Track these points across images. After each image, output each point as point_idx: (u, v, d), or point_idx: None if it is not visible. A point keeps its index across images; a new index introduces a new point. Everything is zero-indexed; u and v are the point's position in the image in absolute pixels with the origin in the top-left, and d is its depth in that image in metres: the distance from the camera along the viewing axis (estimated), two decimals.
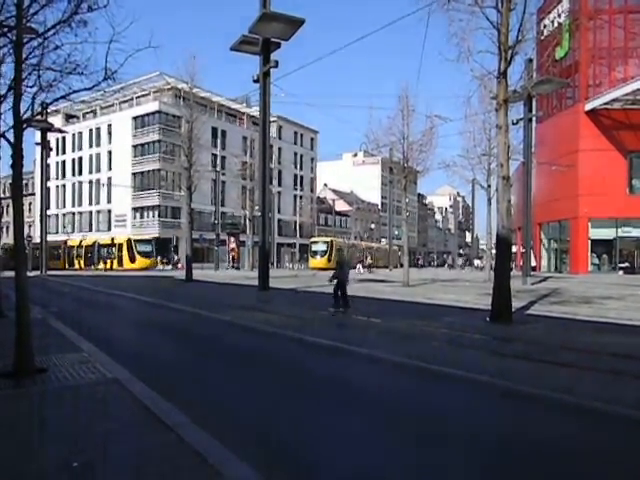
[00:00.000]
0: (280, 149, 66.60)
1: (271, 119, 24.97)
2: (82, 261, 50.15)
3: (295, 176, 71.80)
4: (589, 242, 36.61)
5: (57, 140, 60.24)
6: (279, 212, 65.19)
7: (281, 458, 3.59)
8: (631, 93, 32.72)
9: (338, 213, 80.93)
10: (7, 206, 71.33)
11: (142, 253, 46.34)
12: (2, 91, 6.33)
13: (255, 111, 49.68)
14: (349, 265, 12.61)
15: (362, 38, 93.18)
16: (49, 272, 35.64)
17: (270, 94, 19.56)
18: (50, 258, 39.25)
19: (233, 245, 53.24)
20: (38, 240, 40.03)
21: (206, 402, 4.91)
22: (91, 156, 61.09)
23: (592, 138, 35.42)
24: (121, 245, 47.01)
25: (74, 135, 61.78)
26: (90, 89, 6.19)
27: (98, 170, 60.02)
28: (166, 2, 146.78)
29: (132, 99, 58.04)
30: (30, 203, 64.20)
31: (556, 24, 37.81)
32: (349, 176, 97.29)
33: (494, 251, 14.14)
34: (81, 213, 62.35)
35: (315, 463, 3.56)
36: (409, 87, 22.65)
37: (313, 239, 57.70)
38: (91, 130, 61.02)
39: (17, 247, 5.86)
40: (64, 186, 64.00)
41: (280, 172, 66.18)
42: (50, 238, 43.64)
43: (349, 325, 10.11)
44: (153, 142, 54.13)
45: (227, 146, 59.30)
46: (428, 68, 29.88)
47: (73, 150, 63.05)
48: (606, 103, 34.59)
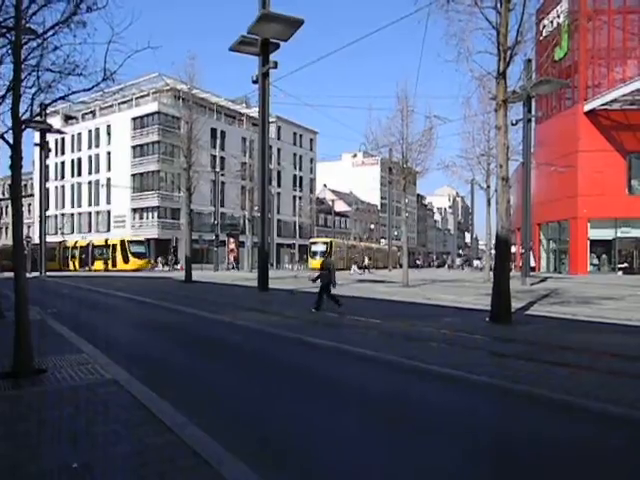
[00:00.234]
0: (279, 150, 66.59)
1: (270, 120, 24.99)
2: (77, 262, 50.25)
3: (294, 177, 71.80)
4: (588, 242, 36.66)
5: (56, 141, 60.21)
6: (278, 213, 65.20)
7: (280, 457, 3.59)
8: (630, 94, 32.77)
9: (337, 214, 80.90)
10: (6, 207, 71.68)
11: (136, 254, 46.44)
12: (1, 92, 6.36)
13: (254, 112, 49.74)
14: (334, 268, 12.89)
15: (361, 39, 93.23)
16: (48, 273, 35.61)
17: (269, 95, 19.59)
18: (35, 259, 39.29)
19: (232, 246, 53.23)
20: (37, 241, 39.97)
21: (206, 402, 4.91)
22: (90, 157, 61.06)
23: (591, 139, 35.47)
24: (115, 246, 47.18)
25: (73, 136, 61.77)
26: (89, 90, 6.20)
27: (97, 171, 59.99)
28: (165, 3, 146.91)
29: (131, 100, 58.03)
30: (29, 204, 64.14)
31: (555, 25, 37.90)
32: (348, 177, 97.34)
33: (493, 251, 14.16)
34: (80, 214, 62.32)
35: (321, 465, 3.55)
36: (408, 88, 22.72)
37: (312, 240, 57.70)
38: (90, 131, 60.98)
39: (16, 248, 5.85)
40: (63, 187, 63.97)
41: (279, 173, 66.16)
42: (48, 239, 43.58)
43: (349, 326, 10.11)
44: (152, 143, 54.12)
45: (226, 147, 59.29)
46: (427, 68, 30.00)
47: (72, 151, 63.02)
48: (605, 104, 34.64)
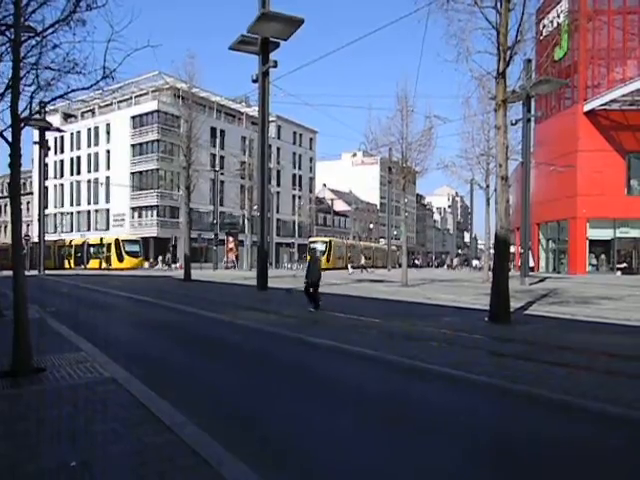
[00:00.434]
0: (279, 149, 66.57)
1: (270, 119, 24.96)
2: (72, 260, 50.28)
3: (294, 176, 71.78)
4: (587, 242, 36.69)
5: (55, 139, 60.16)
6: (278, 212, 65.17)
7: (280, 457, 3.59)
8: (629, 94, 32.81)
9: (337, 213, 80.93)
10: (5, 205, 71.55)
11: (130, 253, 46.60)
12: (0, 90, 6.32)
13: (254, 111, 49.73)
14: (320, 267, 13.02)
15: (361, 38, 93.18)
16: (47, 272, 35.59)
17: (269, 94, 19.58)
18: (37, 258, 39.31)
19: (232, 245, 53.24)
20: (36, 239, 39.96)
21: (205, 402, 4.90)
22: (89, 155, 60.98)
23: (590, 139, 35.49)
24: (109, 245, 47.31)
25: (72, 134, 61.67)
26: (88, 88, 6.19)
27: (96, 169, 59.92)
28: (165, 1, 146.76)
29: (131, 98, 57.95)
30: (28, 202, 64.07)
31: (555, 24, 37.91)
32: (348, 176, 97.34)
33: (492, 251, 14.16)
34: (79, 212, 62.26)
35: (321, 464, 3.55)
36: (408, 87, 22.71)
37: (312, 239, 57.69)
38: (89, 129, 60.90)
39: (15, 246, 5.85)
40: (62, 185, 63.89)
41: (279, 172, 66.15)
42: (47, 238, 43.56)
43: (348, 325, 10.10)
44: (152, 141, 54.05)
45: (226, 146, 59.23)
46: (427, 68, 30.04)
47: (71, 149, 62.92)
48: (604, 104, 34.67)
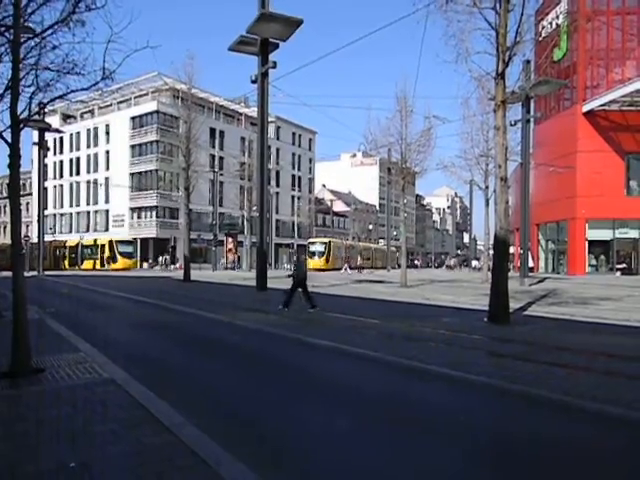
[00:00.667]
0: (278, 149, 66.57)
1: (269, 120, 24.98)
2: (67, 261, 50.36)
3: (293, 177, 71.78)
4: (586, 243, 36.70)
5: (54, 140, 60.07)
6: (277, 212, 65.20)
7: (279, 457, 3.59)
8: (628, 95, 32.83)
9: (336, 214, 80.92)
10: (4, 206, 71.46)
11: (123, 254, 46.73)
12: None
13: (253, 112, 49.67)
14: (306, 267, 13.62)
15: (361, 39, 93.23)
16: (46, 272, 35.58)
17: (268, 94, 19.58)
18: (33, 258, 39.37)
19: (231, 246, 53.24)
20: (35, 240, 39.95)
21: (204, 402, 4.91)
22: (89, 156, 60.97)
23: (590, 139, 35.52)
24: (103, 246, 47.45)
25: (72, 135, 61.66)
26: (88, 89, 6.19)
27: (96, 170, 59.90)
28: (164, 2, 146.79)
29: (130, 99, 57.95)
30: (27, 203, 63.99)
31: (554, 25, 37.92)
32: (347, 177, 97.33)
33: (492, 252, 14.17)
34: (79, 213, 62.24)
35: (320, 465, 3.56)
36: (407, 88, 22.71)
37: (311, 240, 57.71)
38: (89, 130, 60.89)
39: (14, 247, 5.84)
40: (62, 186, 63.87)
41: (278, 173, 66.13)
42: (46, 238, 43.54)
43: (347, 326, 10.10)
44: (151, 142, 54.05)
45: (225, 146, 59.24)
46: (426, 69, 30.13)
47: (71, 150, 62.91)
48: (604, 105, 34.70)
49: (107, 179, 57.97)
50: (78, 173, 61.95)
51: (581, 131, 36.04)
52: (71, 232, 61.00)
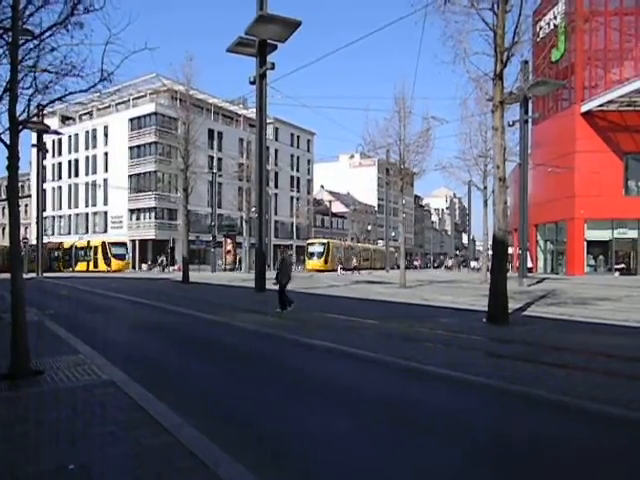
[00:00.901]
0: (277, 151, 66.58)
1: (268, 121, 24.99)
2: (61, 263, 50.34)
3: (292, 178, 71.76)
4: (585, 243, 36.73)
5: (53, 142, 60.00)
6: (276, 214, 65.18)
7: (277, 458, 3.59)
8: (626, 95, 32.88)
9: (335, 215, 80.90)
10: (3, 208, 71.36)
11: (116, 256, 46.74)
12: None
13: (252, 113, 49.64)
14: (290, 269, 13.11)
15: (359, 40, 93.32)
16: (45, 274, 35.53)
17: (267, 96, 19.57)
18: (31, 260, 39.31)
19: (230, 247, 53.21)
20: (34, 242, 39.90)
21: (203, 404, 4.91)
22: (87, 158, 60.93)
23: (588, 140, 35.56)
24: (97, 248, 47.43)
25: (70, 137, 61.60)
26: (86, 91, 6.20)
27: (94, 172, 59.85)
28: (162, 4, 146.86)
29: (128, 101, 57.94)
30: (26, 205, 63.93)
31: (552, 26, 38.01)
32: (346, 178, 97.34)
33: (491, 252, 14.18)
34: (77, 215, 62.19)
35: (319, 465, 3.56)
36: (405, 89, 22.76)
37: (310, 241, 57.70)
38: (87, 132, 60.84)
39: (13, 249, 5.84)
40: (60, 188, 63.82)
41: (277, 174, 66.14)
42: (45, 240, 43.50)
43: (346, 327, 10.10)
44: (149, 144, 54.04)
45: (224, 148, 59.21)
46: (425, 70, 30.18)
47: (69, 152, 62.87)
48: (602, 105, 34.75)
49: (106, 181, 57.93)
50: (77, 175, 61.90)
51: (579, 131, 36.09)
52: (70, 234, 60.91)
